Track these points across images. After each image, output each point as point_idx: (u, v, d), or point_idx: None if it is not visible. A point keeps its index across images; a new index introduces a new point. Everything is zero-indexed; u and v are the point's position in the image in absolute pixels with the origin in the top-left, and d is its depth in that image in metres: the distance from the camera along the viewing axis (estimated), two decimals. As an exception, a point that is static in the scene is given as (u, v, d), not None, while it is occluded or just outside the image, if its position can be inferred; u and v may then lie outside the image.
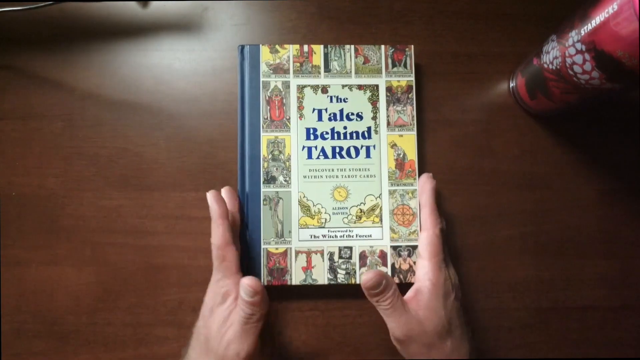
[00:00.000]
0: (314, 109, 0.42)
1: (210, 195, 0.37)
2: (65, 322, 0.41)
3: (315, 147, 0.41)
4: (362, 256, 0.40)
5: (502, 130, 0.44)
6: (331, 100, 0.42)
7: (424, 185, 0.40)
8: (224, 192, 0.40)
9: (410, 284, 0.38)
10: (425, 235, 0.38)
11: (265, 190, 0.41)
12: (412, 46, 0.42)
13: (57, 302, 0.41)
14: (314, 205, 0.41)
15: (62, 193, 0.42)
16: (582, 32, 0.32)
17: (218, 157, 0.43)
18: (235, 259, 0.36)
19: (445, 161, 0.44)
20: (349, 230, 0.40)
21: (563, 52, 0.35)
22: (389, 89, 0.42)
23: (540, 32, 0.44)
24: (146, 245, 0.42)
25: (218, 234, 0.36)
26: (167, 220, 0.42)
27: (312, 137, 0.41)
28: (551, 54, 0.36)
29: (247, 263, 0.40)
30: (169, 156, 0.43)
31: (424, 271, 0.37)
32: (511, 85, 0.44)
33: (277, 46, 0.42)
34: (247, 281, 0.34)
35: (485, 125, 0.44)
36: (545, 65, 0.38)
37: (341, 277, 0.40)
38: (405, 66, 0.42)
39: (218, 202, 0.37)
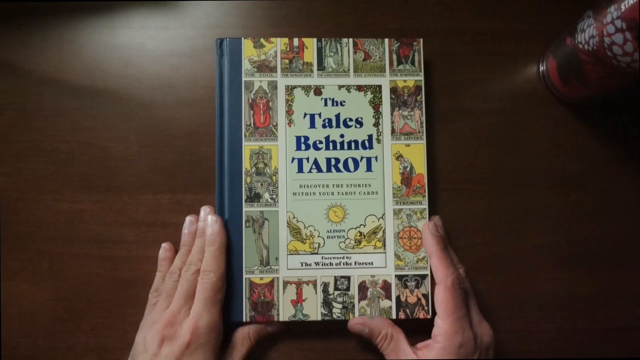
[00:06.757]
0: (305, 114, 0.41)
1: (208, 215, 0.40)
2: (18, 347, 0.41)
3: (307, 159, 0.41)
4: (362, 287, 0.40)
5: (530, 122, 0.44)
6: (326, 104, 0.41)
7: (423, 230, 0.40)
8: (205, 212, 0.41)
9: (419, 320, 0.38)
10: (437, 290, 0.37)
11: (247, 209, 0.40)
12: (421, 40, 0.42)
13: (9, 323, 0.41)
14: (305, 228, 0.40)
15: (15, 195, 0.42)
16: (623, 8, 0.32)
17: (197, 152, 0.43)
18: None
19: (464, 158, 0.44)
20: (347, 257, 0.40)
21: (600, 30, 0.35)
22: (393, 90, 0.42)
23: (574, 7, 0.44)
24: (113, 257, 0.42)
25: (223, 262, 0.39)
26: (138, 227, 0.42)
27: (303, 147, 0.41)
28: (587, 33, 0.36)
29: (226, 296, 0.39)
30: (140, 152, 0.43)
31: (437, 332, 0.36)
32: (541, 69, 0.44)
33: (262, 40, 0.42)
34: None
35: (511, 116, 0.44)
36: (580, 46, 0.38)
37: (337, 312, 0.40)
38: (412, 63, 0.42)
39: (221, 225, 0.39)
